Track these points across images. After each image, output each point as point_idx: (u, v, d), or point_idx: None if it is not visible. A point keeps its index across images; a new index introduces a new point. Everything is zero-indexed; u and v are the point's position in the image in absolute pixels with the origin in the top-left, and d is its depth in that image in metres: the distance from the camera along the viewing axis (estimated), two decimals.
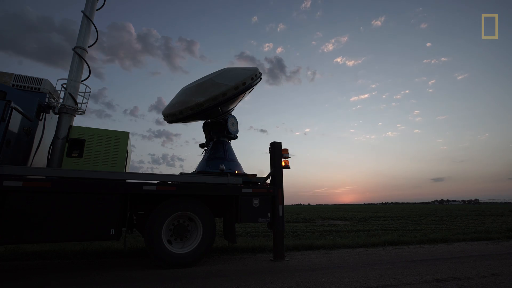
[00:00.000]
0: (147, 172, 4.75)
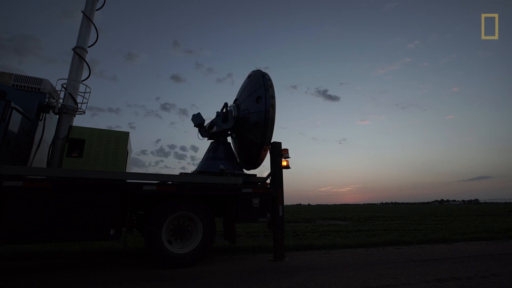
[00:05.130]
0: (147, 172, 4.76)
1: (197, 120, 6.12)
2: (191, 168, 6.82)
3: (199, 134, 6.25)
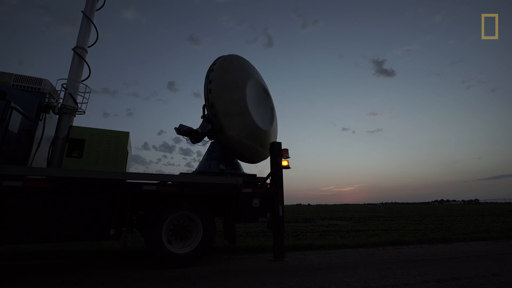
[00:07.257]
0: (147, 171, 4.76)
1: (182, 127, 5.95)
2: (197, 166, 6.77)
3: (189, 141, 6.18)
